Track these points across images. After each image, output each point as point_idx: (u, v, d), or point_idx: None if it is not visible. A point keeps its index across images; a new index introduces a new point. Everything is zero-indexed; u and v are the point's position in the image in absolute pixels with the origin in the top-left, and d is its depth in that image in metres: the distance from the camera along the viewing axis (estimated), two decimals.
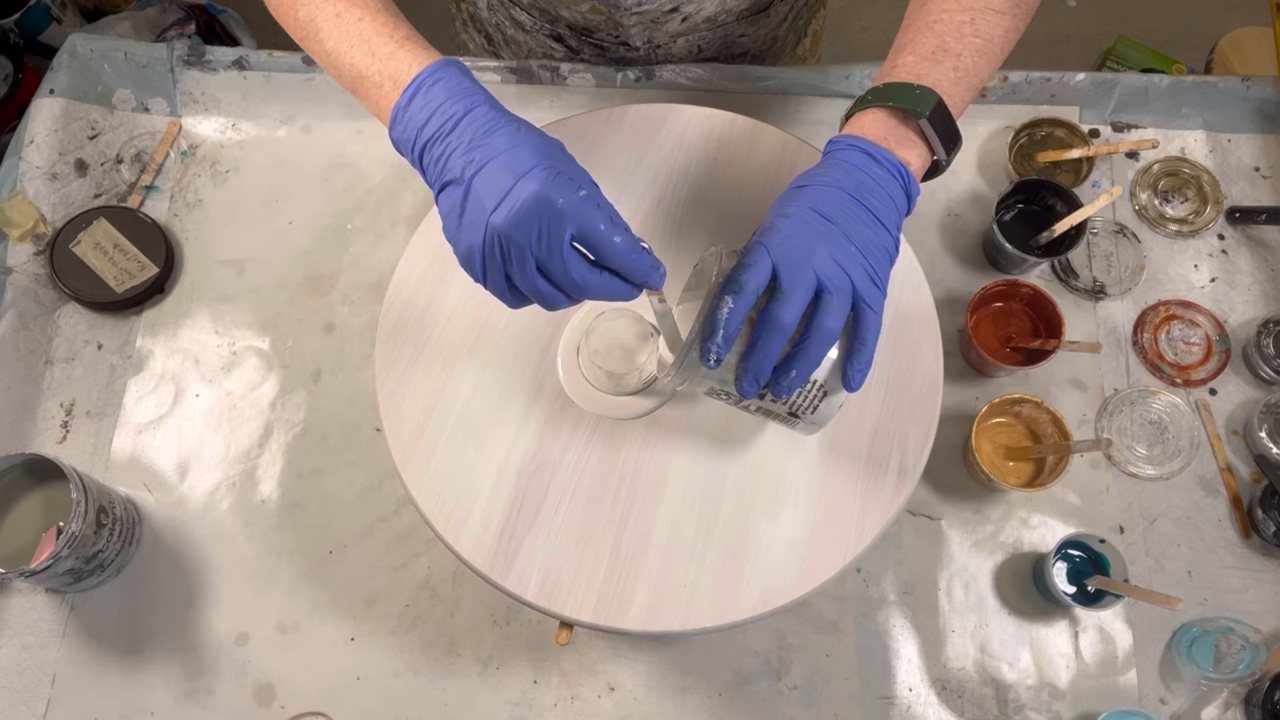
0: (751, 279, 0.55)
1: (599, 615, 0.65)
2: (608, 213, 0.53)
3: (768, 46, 0.97)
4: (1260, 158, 0.94)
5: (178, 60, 0.94)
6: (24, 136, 0.91)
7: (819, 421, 0.62)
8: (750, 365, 0.56)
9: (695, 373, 0.58)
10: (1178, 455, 0.84)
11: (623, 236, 0.53)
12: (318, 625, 0.80)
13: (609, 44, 0.91)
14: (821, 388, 0.59)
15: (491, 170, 0.52)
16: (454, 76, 0.56)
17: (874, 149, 0.59)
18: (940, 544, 0.82)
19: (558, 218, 0.51)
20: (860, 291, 0.56)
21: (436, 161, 0.55)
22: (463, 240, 0.53)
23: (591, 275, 0.53)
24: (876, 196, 0.58)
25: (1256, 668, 0.76)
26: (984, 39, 0.62)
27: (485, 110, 0.55)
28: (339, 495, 0.83)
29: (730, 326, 0.55)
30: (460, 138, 0.54)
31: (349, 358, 0.87)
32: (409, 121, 0.56)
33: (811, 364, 0.56)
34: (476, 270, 0.54)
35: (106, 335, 0.88)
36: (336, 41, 0.60)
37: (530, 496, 0.67)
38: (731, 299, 0.54)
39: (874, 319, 0.57)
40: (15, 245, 0.88)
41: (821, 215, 0.56)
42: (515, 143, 0.53)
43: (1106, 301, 0.89)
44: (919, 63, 0.61)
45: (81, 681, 0.78)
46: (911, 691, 0.78)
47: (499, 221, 0.51)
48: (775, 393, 0.57)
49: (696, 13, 0.87)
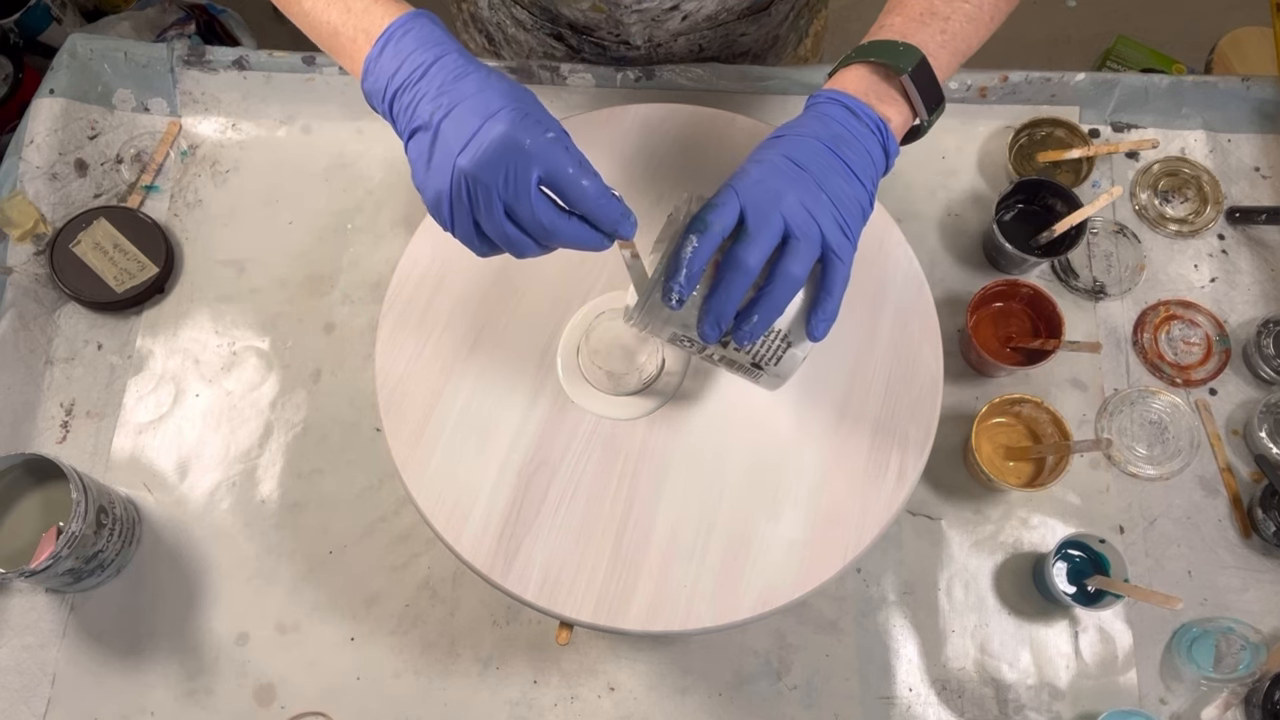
0: (718, 219, 0.54)
1: (599, 615, 0.65)
2: (576, 157, 0.53)
3: (769, 46, 0.97)
4: (1260, 158, 0.94)
5: (178, 60, 0.94)
6: (24, 136, 0.91)
7: (782, 374, 0.61)
8: (712, 307, 0.56)
9: (658, 315, 0.58)
10: (1178, 455, 0.84)
11: (591, 181, 0.53)
12: (318, 625, 0.80)
13: (610, 43, 0.91)
14: (785, 338, 0.59)
15: (459, 113, 0.52)
16: (425, 26, 0.56)
17: (853, 103, 0.59)
18: (940, 544, 0.82)
19: (525, 158, 0.51)
20: (829, 240, 0.56)
21: (406, 109, 0.54)
22: (430, 185, 0.53)
23: (560, 220, 0.53)
24: (853, 149, 0.58)
25: (1256, 668, 0.76)
26: (974, 5, 0.63)
27: (454, 57, 0.55)
28: (339, 495, 0.83)
29: (694, 266, 0.54)
30: (429, 84, 0.54)
31: (349, 358, 0.87)
32: (380, 72, 0.56)
33: (774, 310, 0.56)
34: (444, 215, 0.53)
35: (106, 335, 0.88)
36: (314, 1, 0.60)
37: (530, 496, 0.67)
38: (696, 238, 0.54)
39: (842, 269, 0.57)
40: (15, 245, 0.88)
41: (794, 162, 0.56)
42: (484, 87, 0.53)
43: (1106, 301, 0.89)
44: (906, 23, 0.62)
45: (81, 681, 0.78)
46: (911, 691, 0.78)
47: (465, 163, 0.51)
48: (737, 339, 0.57)
49: (697, 11, 0.86)
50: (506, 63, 0.93)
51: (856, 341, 0.72)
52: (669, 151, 0.77)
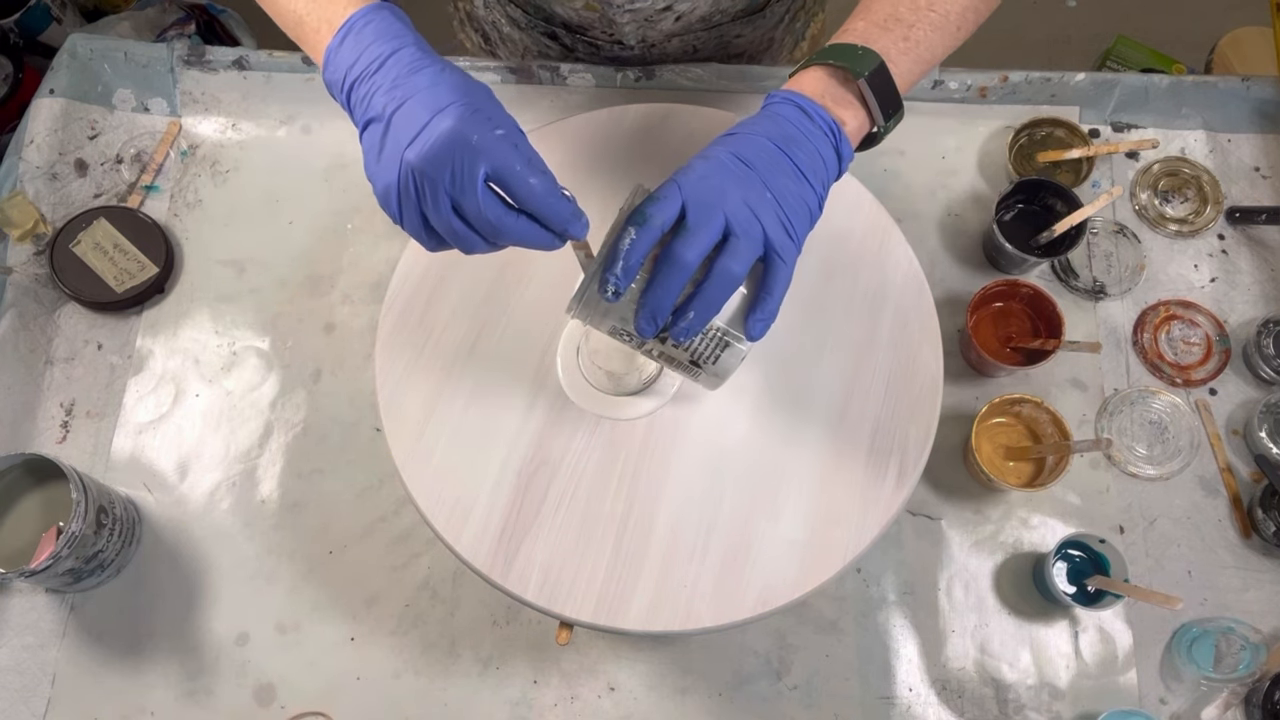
0: (658, 213, 0.54)
1: (599, 615, 0.65)
2: (526, 154, 0.52)
3: (764, 48, 0.97)
4: (1260, 158, 0.94)
5: (178, 60, 0.94)
6: (24, 136, 0.91)
7: (720, 374, 0.60)
8: (648, 301, 0.55)
9: (596, 307, 0.57)
10: (1178, 455, 0.84)
11: (539, 179, 0.52)
12: (318, 625, 0.80)
13: (603, 42, 0.91)
14: (724, 336, 0.58)
15: (410, 107, 0.52)
16: (385, 19, 0.56)
17: (807, 103, 0.58)
18: (940, 544, 0.82)
19: (471, 154, 0.51)
20: (772, 240, 0.55)
21: (362, 100, 0.54)
22: (380, 177, 0.53)
23: (508, 218, 0.53)
24: (803, 150, 0.57)
25: (1256, 668, 0.76)
26: (940, 14, 0.62)
27: (411, 51, 0.55)
28: (339, 495, 0.83)
29: (631, 259, 0.54)
30: (385, 77, 0.54)
31: (349, 358, 0.87)
32: (339, 63, 0.56)
33: (711, 307, 0.55)
34: (393, 207, 0.53)
35: (106, 335, 0.88)
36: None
37: (530, 496, 0.67)
38: (635, 230, 0.54)
39: (784, 270, 0.56)
40: (15, 245, 0.88)
41: (740, 159, 0.56)
42: (437, 81, 0.53)
43: (1106, 301, 0.89)
44: (868, 28, 0.61)
45: (81, 681, 0.78)
46: (911, 691, 0.78)
47: (412, 156, 0.51)
48: (674, 335, 0.56)
49: (690, 12, 0.86)
50: (506, 62, 0.93)
51: (856, 341, 0.72)
52: (669, 151, 0.77)
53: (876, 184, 0.89)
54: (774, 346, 0.70)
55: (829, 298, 0.73)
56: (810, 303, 0.73)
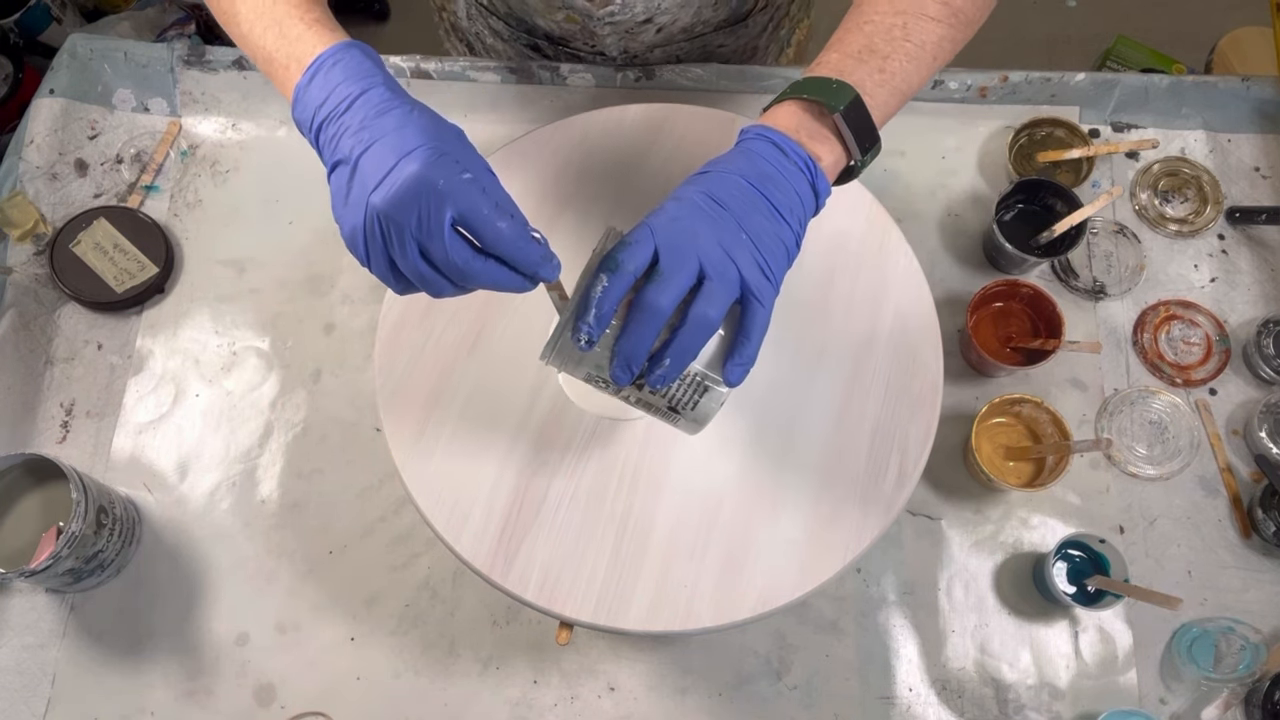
0: (630, 259, 0.53)
1: (599, 615, 0.65)
2: (494, 198, 0.51)
3: (748, 57, 0.97)
4: (1260, 158, 0.94)
5: (178, 60, 0.94)
6: (24, 136, 0.91)
7: (699, 419, 0.59)
8: (621, 349, 0.54)
9: (570, 356, 0.56)
10: (1178, 455, 0.84)
11: (508, 223, 0.51)
12: (318, 625, 0.80)
13: (585, 53, 0.91)
14: (701, 382, 0.57)
15: (377, 150, 0.51)
16: (354, 58, 0.55)
17: (782, 140, 0.57)
18: (940, 544, 0.82)
19: (438, 198, 0.50)
20: (748, 282, 0.54)
21: (330, 141, 0.54)
22: (346, 220, 0.52)
23: (475, 262, 0.52)
24: (779, 188, 0.56)
25: (1256, 668, 0.76)
26: (915, 44, 0.61)
27: (380, 91, 0.54)
28: (339, 495, 0.83)
29: (603, 306, 0.53)
30: (353, 118, 0.53)
31: (349, 358, 0.87)
32: (307, 101, 0.55)
33: (687, 354, 0.54)
34: (360, 251, 0.53)
35: (106, 335, 0.88)
36: (251, 24, 0.60)
37: (530, 496, 0.67)
38: (607, 277, 0.53)
39: (761, 313, 0.55)
40: (15, 245, 0.88)
41: (714, 200, 0.55)
42: (404, 124, 0.52)
43: (1106, 301, 0.89)
44: (843, 60, 0.60)
45: (81, 681, 0.78)
46: (911, 691, 0.78)
47: (378, 200, 0.50)
48: (650, 383, 0.55)
49: (671, 23, 0.86)
50: (507, 63, 0.93)
51: (856, 341, 0.72)
52: (669, 151, 0.77)
53: (876, 184, 0.89)
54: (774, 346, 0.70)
55: (829, 298, 0.73)
56: (810, 303, 0.73)
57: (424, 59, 0.93)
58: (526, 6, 0.87)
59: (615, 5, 0.82)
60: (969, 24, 0.64)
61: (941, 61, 0.63)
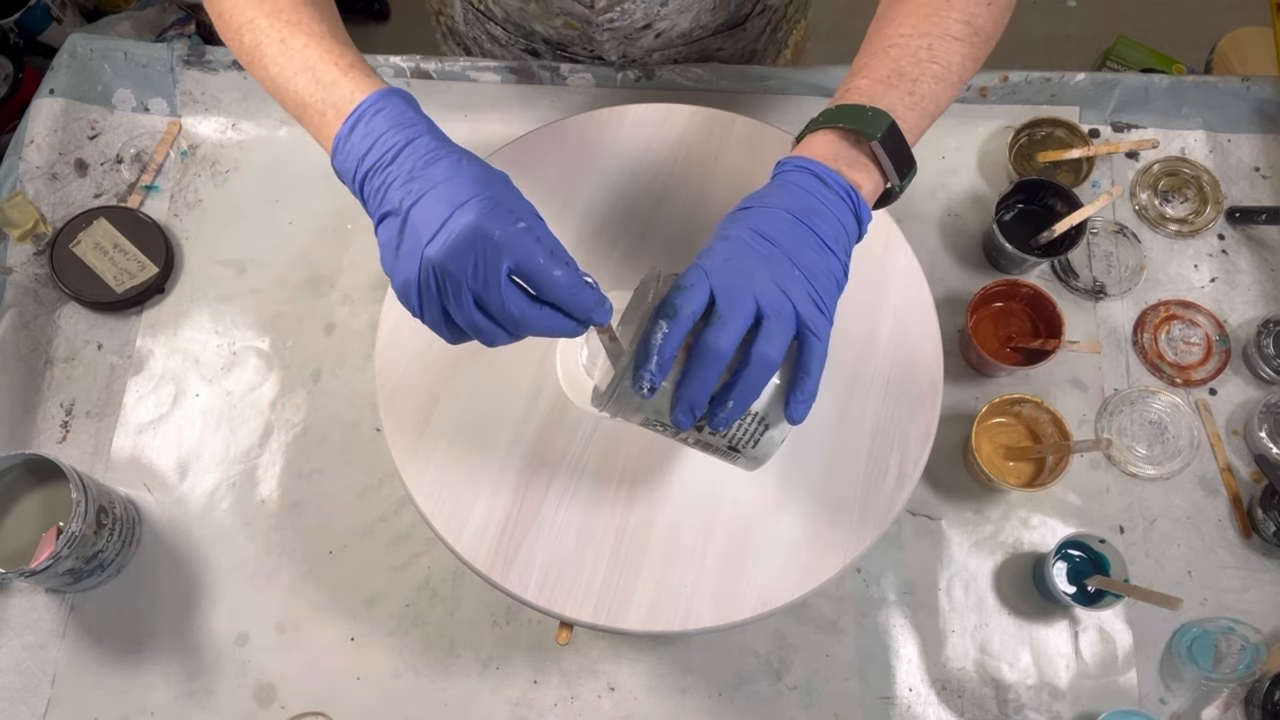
0: (687, 303, 0.52)
1: (599, 615, 0.65)
2: (548, 246, 0.51)
3: (746, 59, 0.97)
4: (1260, 158, 0.94)
5: (178, 60, 0.94)
6: (24, 136, 0.91)
7: (760, 457, 0.58)
8: (684, 395, 0.53)
9: (629, 402, 0.55)
10: (1178, 455, 0.84)
11: (563, 271, 0.51)
12: (318, 625, 0.80)
13: (584, 58, 0.92)
14: (762, 420, 0.56)
15: (428, 202, 0.51)
16: (397, 106, 0.55)
17: (822, 170, 0.57)
18: (940, 544, 0.82)
19: (494, 249, 0.49)
20: (804, 318, 0.53)
21: (376, 192, 0.53)
22: (399, 273, 0.52)
23: (531, 310, 0.51)
24: (824, 220, 0.55)
25: (1256, 668, 0.76)
26: (942, 65, 0.61)
27: (427, 141, 0.53)
28: (339, 495, 0.83)
29: (665, 353, 0.52)
30: (400, 169, 0.52)
31: (349, 358, 0.87)
32: (350, 151, 0.54)
33: (749, 394, 0.53)
34: (413, 304, 0.52)
35: (106, 335, 0.88)
36: (281, 68, 0.58)
37: (530, 496, 0.67)
38: (666, 324, 0.52)
39: (819, 347, 0.54)
40: (15, 245, 0.88)
41: (764, 237, 0.54)
42: (454, 174, 0.51)
43: (1106, 301, 0.89)
44: (873, 86, 0.59)
45: (81, 681, 0.78)
46: (911, 691, 0.78)
47: (434, 253, 0.50)
48: (712, 425, 0.54)
49: (670, 29, 0.86)
50: (507, 63, 0.93)
51: (857, 341, 0.72)
52: (669, 152, 0.77)
53: None
54: None
55: None
56: None
57: (424, 59, 0.93)
58: (525, 13, 0.87)
59: (614, 11, 0.82)
60: (989, 40, 0.64)
61: (965, 80, 0.63)
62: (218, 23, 0.64)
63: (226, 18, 0.62)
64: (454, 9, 0.95)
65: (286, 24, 0.59)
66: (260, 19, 0.60)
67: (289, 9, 0.60)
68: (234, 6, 0.61)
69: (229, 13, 0.62)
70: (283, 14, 0.60)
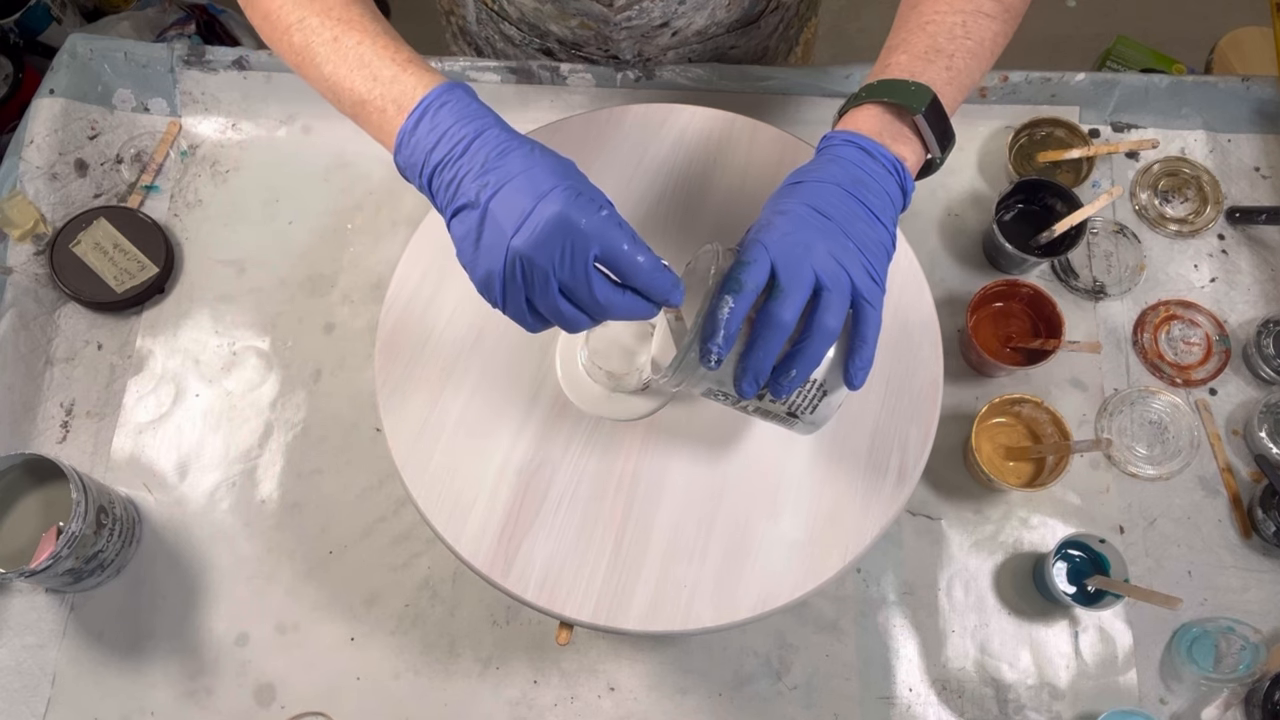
0: (751, 277, 0.54)
1: (599, 615, 0.65)
2: (629, 232, 0.52)
3: (758, 57, 0.97)
4: (1260, 158, 0.94)
5: (178, 60, 0.94)
6: (24, 136, 0.91)
7: (817, 421, 0.61)
8: (749, 365, 0.55)
9: (693, 374, 0.57)
10: (1178, 455, 0.84)
11: (646, 255, 0.52)
12: (318, 625, 0.80)
13: (599, 58, 0.92)
14: (821, 387, 0.59)
15: (509, 193, 0.51)
16: (461, 99, 0.55)
17: (869, 144, 0.58)
18: (940, 544, 0.82)
19: (582, 238, 0.50)
20: (859, 288, 0.55)
21: (448, 186, 0.53)
22: (480, 265, 0.52)
23: (615, 295, 0.53)
24: (873, 192, 0.57)
25: (1256, 668, 0.76)
26: (975, 41, 0.62)
27: (496, 132, 0.54)
28: (339, 495, 0.83)
29: (731, 326, 0.54)
30: (472, 161, 0.53)
31: (349, 358, 0.87)
32: (416, 145, 0.54)
33: (812, 363, 0.55)
34: (496, 295, 0.53)
35: (106, 335, 0.88)
36: (335, 66, 0.59)
37: (530, 496, 0.67)
38: (732, 298, 0.54)
39: (874, 316, 0.56)
40: (15, 245, 0.88)
41: (819, 211, 0.56)
42: (531, 164, 0.52)
43: (1106, 301, 0.89)
44: (912, 61, 0.61)
45: (81, 681, 0.78)
46: (911, 691, 0.78)
47: (520, 244, 0.50)
48: (775, 392, 0.57)
49: (687, 27, 0.87)
50: (506, 63, 0.93)
51: None
52: (669, 151, 0.77)
53: None
54: None
55: None
56: None
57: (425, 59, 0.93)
58: (540, 13, 0.87)
59: (633, 10, 0.82)
60: (1017, 17, 0.66)
61: (995, 57, 0.65)
62: (263, 25, 0.63)
63: (274, 19, 0.62)
64: (466, 9, 0.95)
65: (338, 22, 0.59)
66: (310, 18, 0.60)
67: (339, 7, 0.60)
68: (281, 7, 0.61)
69: (276, 13, 0.61)
70: (333, 12, 0.60)
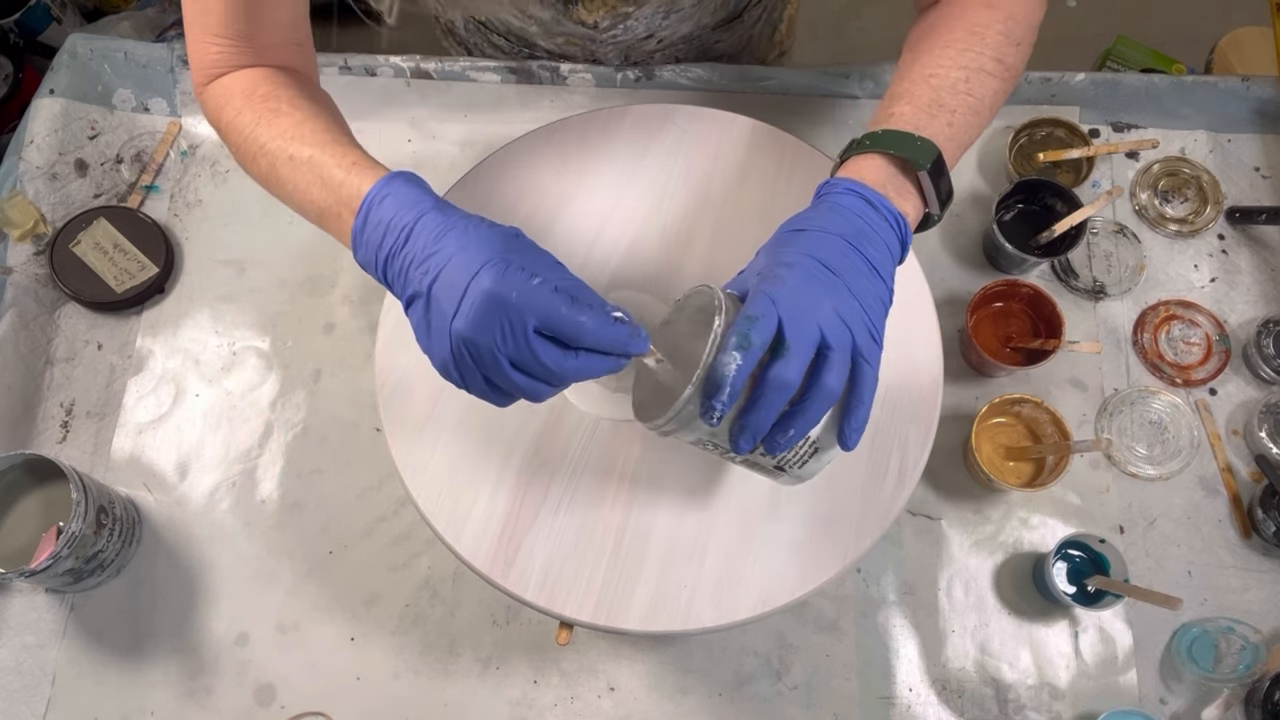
0: (758, 335, 0.52)
1: (599, 615, 0.65)
2: (568, 294, 0.51)
3: (743, 46, 0.98)
4: (1260, 158, 0.94)
5: (178, 60, 0.94)
6: (24, 136, 0.91)
7: (804, 476, 0.60)
8: (749, 423, 0.54)
9: (689, 425, 0.56)
10: (1178, 455, 0.84)
11: (588, 315, 0.51)
12: (318, 625, 0.80)
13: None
14: (814, 445, 0.57)
15: (446, 275, 0.51)
16: (399, 189, 0.55)
17: (873, 195, 0.57)
18: (940, 544, 0.82)
19: (515, 311, 0.50)
20: (860, 347, 0.54)
21: (399, 276, 0.54)
22: (435, 352, 0.52)
23: (567, 360, 0.52)
24: (874, 245, 0.56)
25: (1256, 668, 0.76)
26: (976, 98, 0.62)
27: (433, 216, 0.53)
28: (339, 495, 0.83)
29: (736, 385, 0.52)
30: (413, 249, 0.53)
31: (349, 358, 0.87)
32: (367, 242, 0.55)
33: (810, 423, 0.54)
34: (454, 377, 0.53)
35: (106, 335, 0.88)
36: (295, 183, 0.60)
37: (530, 496, 0.67)
38: (740, 355, 0.52)
39: (871, 375, 0.55)
40: (15, 245, 0.88)
41: (824, 265, 0.54)
42: (465, 243, 0.52)
43: (1106, 301, 0.89)
44: (916, 114, 0.60)
45: (81, 681, 0.78)
46: (911, 691, 0.78)
47: (461, 327, 0.50)
48: (770, 449, 0.55)
49: (672, 35, 0.87)
50: (506, 63, 0.93)
51: None
52: (669, 152, 0.77)
53: None
54: None
55: None
56: None
57: (424, 59, 0.93)
58: (526, 31, 0.88)
59: (618, 29, 0.83)
60: (1016, 76, 0.65)
61: (993, 114, 0.64)
62: (235, 155, 0.65)
63: (241, 150, 0.63)
64: (455, 20, 0.96)
65: (291, 140, 0.60)
66: (269, 143, 0.61)
67: (289, 123, 0.61)
68: (241, 136, 0.63)
69: (241, 144, 0.63)
70: (285, 131, 0.61)
